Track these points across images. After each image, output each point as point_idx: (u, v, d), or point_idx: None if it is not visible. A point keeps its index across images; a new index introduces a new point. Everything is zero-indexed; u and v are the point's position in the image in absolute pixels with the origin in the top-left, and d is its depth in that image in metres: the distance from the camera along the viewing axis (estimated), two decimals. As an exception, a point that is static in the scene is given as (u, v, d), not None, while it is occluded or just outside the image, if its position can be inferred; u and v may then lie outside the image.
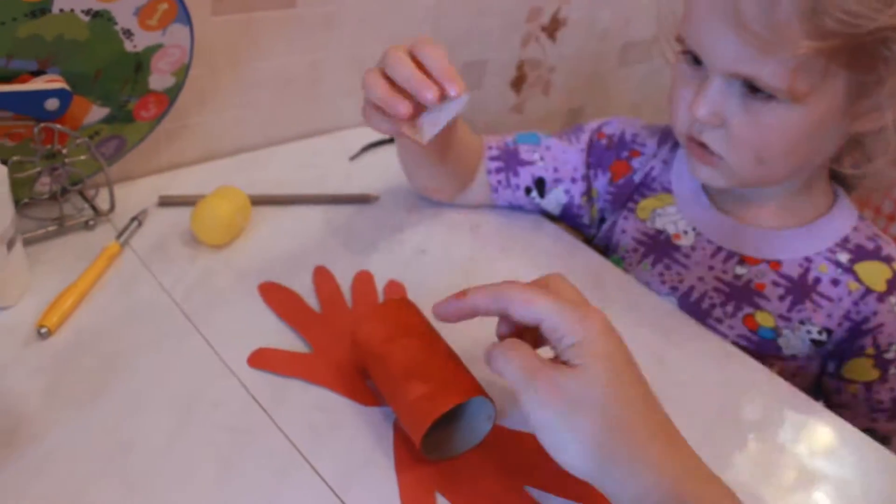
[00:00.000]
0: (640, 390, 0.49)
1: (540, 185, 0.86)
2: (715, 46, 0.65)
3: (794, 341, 0.75)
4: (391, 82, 0.61)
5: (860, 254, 0.74)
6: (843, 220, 0.76)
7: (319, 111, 1.01)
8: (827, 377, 0.78)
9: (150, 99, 0.76)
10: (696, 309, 0.78)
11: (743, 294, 0.77)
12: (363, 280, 0.74)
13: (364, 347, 0.60)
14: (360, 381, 0.62)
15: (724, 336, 0.77)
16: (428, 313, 0.63)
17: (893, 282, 0.73)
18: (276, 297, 0.70)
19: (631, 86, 1.45)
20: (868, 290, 0.73)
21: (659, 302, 0.79)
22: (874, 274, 0.74)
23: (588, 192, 0.87)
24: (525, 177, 0.85)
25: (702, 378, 0.70)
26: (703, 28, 0.66)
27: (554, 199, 0.87)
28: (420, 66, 0.60)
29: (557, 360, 0.49)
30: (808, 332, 0.75)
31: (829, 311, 0.74)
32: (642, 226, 0.83)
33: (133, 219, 0.76)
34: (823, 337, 0.75)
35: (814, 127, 0.66)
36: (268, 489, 0.53)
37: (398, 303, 0.62)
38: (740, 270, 0.77)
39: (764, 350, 0.76)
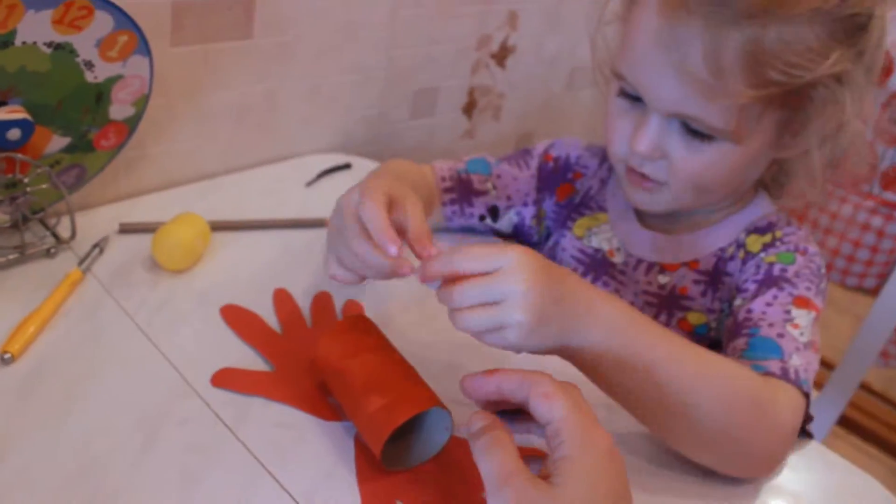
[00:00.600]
0: None
1: (493, 212, 0.89)
2: (657, 87, 0.68)
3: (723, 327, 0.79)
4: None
5: (754, 230, 0.78)
6: (757, 212, 0.80)
7: (277, 139, 1.04)
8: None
9: (110, 128, 0.78)
10: None
11: (670, 301, 0.80)
12: (322, 300, 0.76)
13: (323, 364, 0.62)
14: (321, 397, 0.64)
15: None
16: (389, 331, 0.66)
17: (769, 244, 0.76)
18: (238, 319, 0.72)
19: (580, 109, 1.49)
20: (748, 255, 0.77)
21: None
22: (755, 242, 0.77)
23: (538, 214, 0.90)
24: (479, 207, 0.88)
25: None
26: (645, 69, 0.68)
27: (507, 221, 0.90)
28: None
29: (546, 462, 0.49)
30: (723, 311, 0.79)
31: (728, 285, 0.78)
32: (579, 244, 0.87)
33: (94, 246, 0.78)
34: (726, 308, 0.78)
35: (749, 160, 0.71)
36: None
37: (355, 320, 0.64)
38: (663, 279, 0.80)
39: (704, 346, 0.79)
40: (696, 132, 0.68)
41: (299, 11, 0.95)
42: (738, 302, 0.73)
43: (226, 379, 0.65)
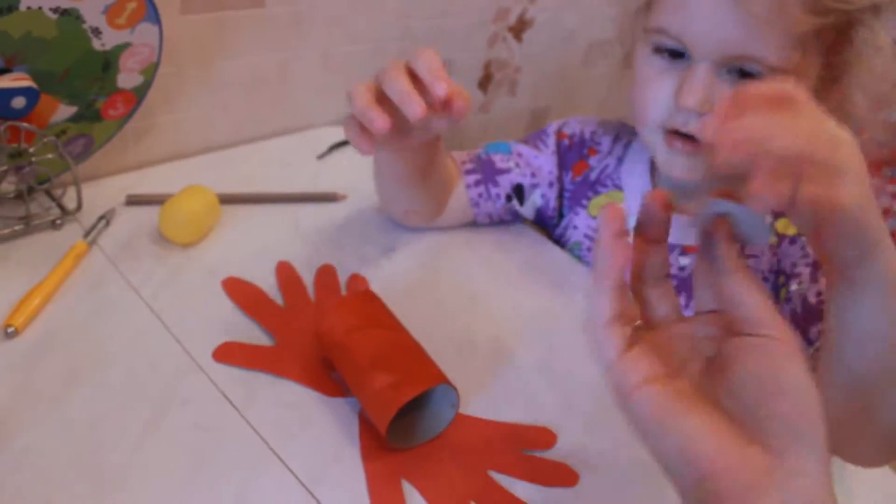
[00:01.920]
0: None
1: (519, 191, 0.86)
2: (714, 30, 0.65)
3: None
4: (380, 96, 0.59)
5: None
6: None
7: (288, 110, 1.02)
8: None
9: (118, 97, 0.76)
10: None
11: (690, 284, 0.78)
12: (326, 273, 0.75)
13: (328, 338, 0.61)
14: (325, 372, 0.63)
15: None
16: (395, 308, 0.64)
17: None
18: (240, 291, 0.71)
19: (596, 86, 1.47)
20: (782, 238, 0.75)
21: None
22: (788, 224, 0.75)
23: (561, 195, 0.88)
24: (504, 185, 0.85)
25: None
26: (699, 14, 0.66)
27: (531, 205, 0.88)
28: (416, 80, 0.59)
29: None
30: None
31: (756, 268, 0.76)
32: (594, 223, 0.85)
33: (101, 218, 0.76)
34: None
35: None
36: (239, 485, 0.53)
37: (362, 295, 0.63)
38: (683, 261, 0.78)
39: None
40: (748, 75, 0.66)
41: (312, -20, 0.93)
42: (794, 286, 0.71)
43: (227, 353, 0.64)
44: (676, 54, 0.69)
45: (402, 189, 0.79)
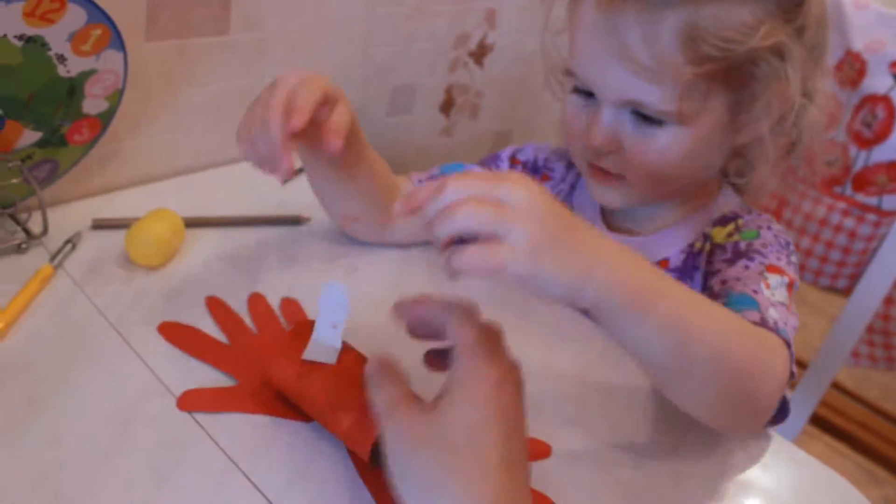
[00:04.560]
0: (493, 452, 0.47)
1: None
2: (604, 79, 0.70)
3: None
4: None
5: (718, 222, 0.80)
6: (723, 204, 0.81)
7: (252, 135, 1.03)
8: None
9: (83, 123, 0.77)
10: None
11: None
12: (257, 303, 0.74)
13: (281, 388, 0.62)
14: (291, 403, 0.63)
15: None
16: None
17: (732, 232, 0.78)
18: (180, 336, 0.69)
19: (557, 109, 1.49)
20: (715, 246, 0.78)
21: (581, 317, 0.83)
22: (720, 233, 0.79)
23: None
24: None
25: (629, 384, 0.74)
26: (591, 63, 0.71)
27: None
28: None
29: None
30: None
31: (697, 278, 0.79)
32: None
33: (67, 241, 0.77)
34: None
35: (702, 144, 0.72)
36: (204, 502, 0.54)
37: (299, 329, 0.64)
38: None
39: None
40: (646, 118, 0.70)
41: (275, 7, 0.95)
42: (711, 282, 0.75)
43: (193, 401, 0.63)
44: (589, 94, 0.73)
45: (332, 188, 0.81)
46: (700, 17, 0.65)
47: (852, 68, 1.08)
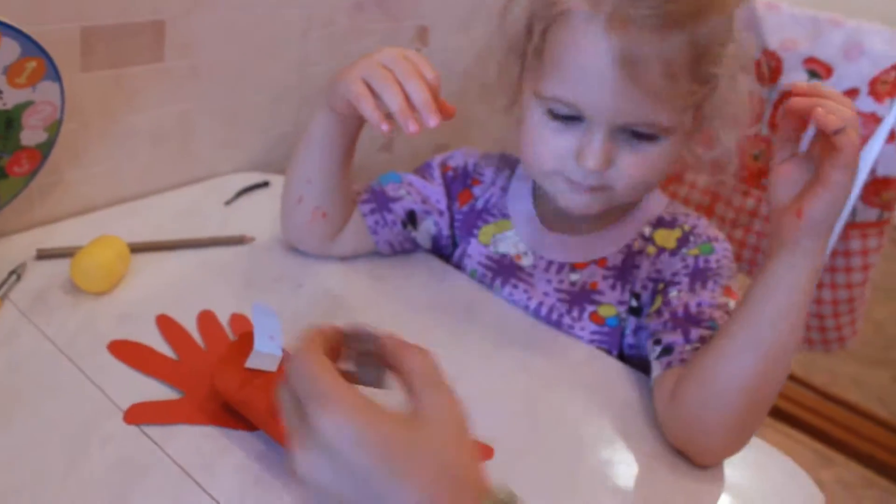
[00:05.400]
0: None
1: (412, 217, 0.91)
2: (608, 103, 0.69)
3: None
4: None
5: (659, 224, 0.84)
6: (655, 205, 0.86)
7: (194, 160, 1.04)
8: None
9: (22, 155, 0.78)
10: (549, 319, 0.85)
11: (581, 296, 0.84)
12: (206, 319, 0.76)
13: (225, 397, 0.64)
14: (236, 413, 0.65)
15: (580, 338, 0.84)
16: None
17: (683, 239, 0.82)
18: (129, 354, 0.71)
19: (492, 122, 1.53)
20: (662, 250, 0.82)
21: (523, 316, 0.86)
22: (667, 237, 0.83)
23: (452, 224, 0.93)
24: (398, 211, 0.90)
25: (567, 378, 0.77)
26: (592, 88, 0.69)
27: (425, 231, 0.93)
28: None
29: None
30: (631, 301, 0.83)
31: (636, 277, 0.83)
32: (486, 250, 0.90)
33: (11, 272, 0.77)
34: (634, 302, 0.83)
35: (682, 146, 0.77)
36: (162, 513, 0.56)
37: (242, 340, 0.66)
38: (573, 277, 0.84)
39: (616, 338, 0.83)
40: (642, 136, 0.72)
41: (209, 34, 0.97)
42: (673, 293, 0.78)
43: (140, 414, 0.64)
44: (571, 117, 0.73)
45: (322, 173, 0.84)
46: (702, 34, 0.68)
47: (769, 66, 1.13)
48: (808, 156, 0.65)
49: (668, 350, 0.75)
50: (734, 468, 0.70)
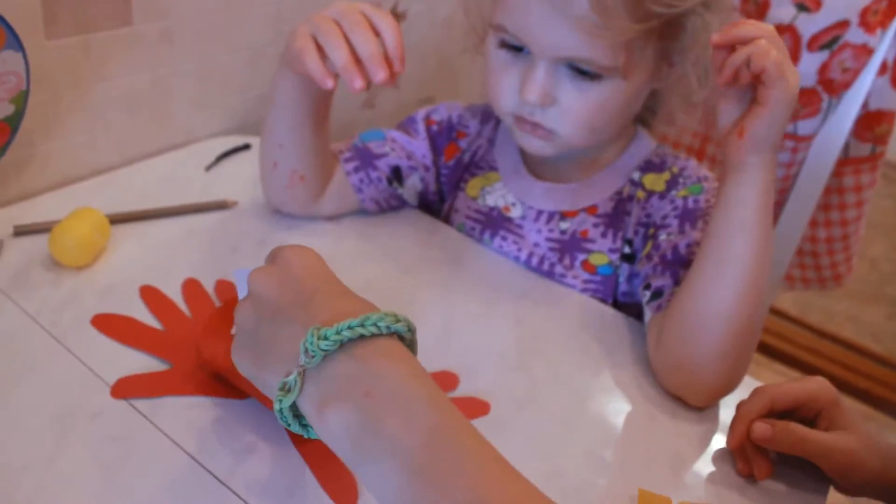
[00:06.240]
0: None
1: (397, 173, 0.89)
2: (545, 35, 0.70)
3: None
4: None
5: (647, 168, 0.83)
6: (642, 149, 0.85)
7: (172, 126, 1.02)
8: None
9: (-9, 129, 0.76)
10: (540, 270, 0.84)
11: (573, 245, 0.83)
12: (191, 287, 0.75)
13: (213, 367, 0.62)
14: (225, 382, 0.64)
15: (573, 287, 0.83)
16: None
17: (672, 181, 0.81)
18: (113, 327, 0.69)
19: (477, 71, 1.50)
20: (651, 194, 0.81)
21: (515, 268, 0.84)
22: (656, 181, 0.82)
23: (438, 179, 0.91)
24: (383, 168, 0.88)
25: (561, 329, 0.76)
26: (529, 19, 0.71)
27: (412, 187, 0.91)
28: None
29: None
30: (623, 248, 0.82)
31: (628, 223, 0.82)
32: (474, 203, 0.88)
33: (-12, 251, 0.76)
34: (627, 249, 0.82)
35: (635, 94, 0.75)
36: (157, 491, 0.55)
37: (227, 307, 0.64)
38: (564, 225, 0.83)
39: (609, 286, 0.82)
40: (584, 73, 0.72)
41: (178, -6, 0.94)
42: (662, 236, 0.77)
43: (127, 388, 0.63)
44: (519, 49, 0.74)
45: (293, 135, 0.81)
46: None
47: (756, 2, 1.10)
48: (746, 82, 0.66)
49: (658, 294, 0.74)
50: (731, 409, 0.69)
